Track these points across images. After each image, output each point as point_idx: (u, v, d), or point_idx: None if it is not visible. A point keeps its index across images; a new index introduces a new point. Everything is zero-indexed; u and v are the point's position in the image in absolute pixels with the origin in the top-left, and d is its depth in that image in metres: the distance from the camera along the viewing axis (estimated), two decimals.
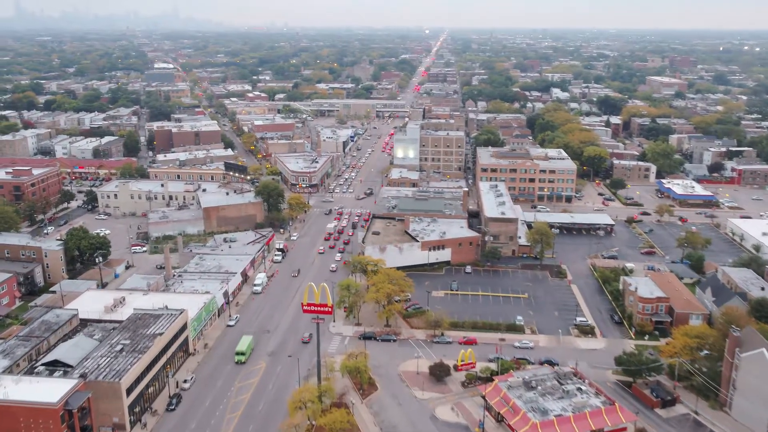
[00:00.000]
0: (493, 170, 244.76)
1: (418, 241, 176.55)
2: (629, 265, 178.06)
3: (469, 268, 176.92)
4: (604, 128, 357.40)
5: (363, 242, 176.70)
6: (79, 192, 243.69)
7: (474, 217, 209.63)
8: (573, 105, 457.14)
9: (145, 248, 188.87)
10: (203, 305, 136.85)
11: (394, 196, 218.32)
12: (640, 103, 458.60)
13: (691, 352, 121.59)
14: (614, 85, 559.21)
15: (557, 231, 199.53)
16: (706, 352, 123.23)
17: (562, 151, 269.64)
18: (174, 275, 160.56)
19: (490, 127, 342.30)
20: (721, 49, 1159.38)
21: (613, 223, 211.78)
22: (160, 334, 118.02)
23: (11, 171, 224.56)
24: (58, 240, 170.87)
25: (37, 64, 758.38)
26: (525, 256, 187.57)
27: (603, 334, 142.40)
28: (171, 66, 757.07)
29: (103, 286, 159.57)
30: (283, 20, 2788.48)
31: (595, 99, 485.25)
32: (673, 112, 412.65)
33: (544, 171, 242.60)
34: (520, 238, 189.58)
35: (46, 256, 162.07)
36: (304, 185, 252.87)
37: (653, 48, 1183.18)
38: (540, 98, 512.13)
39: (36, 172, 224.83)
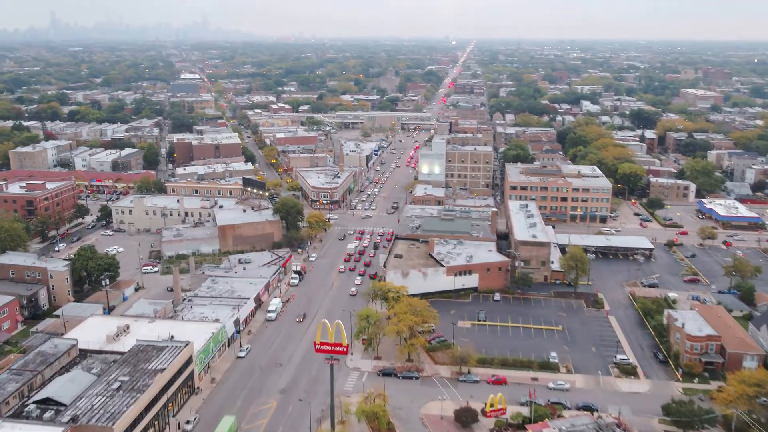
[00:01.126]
0: (523, 188, 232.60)
1: (443, 265, 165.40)
2: (672, 294, 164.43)
3: (497, 296, 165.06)
4: (638, 143, 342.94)
5: (384, 266, 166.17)
6: (85, 207, 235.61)
7: (503, 239, 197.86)
8: (605, 118, 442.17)
9: (156, 268, 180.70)
10: (211, 336, 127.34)
11: (419, 215, 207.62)
12: (674, 116, 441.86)
13: (749, 402, 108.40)
14: (647, 98, 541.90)
15: (593, 257, 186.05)
16: (764, 399, 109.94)
17: (595, 168, 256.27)
18: (184, 299, 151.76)
19: (519, 141, 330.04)
20: (756, 60, 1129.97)
21: (652, 247, 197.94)
22: (162, 370, 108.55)
23: (25, 185, 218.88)
24: (64, 260, 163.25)
25: (65, 75, 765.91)
26: (558, 282, 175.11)
27: (646, 375, 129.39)
28: (197, 77, 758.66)
29: (109, 310, 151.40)
30: (311, 31, 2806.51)
31: (627, 112, 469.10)
32: (710, 126, 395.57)
33: (577, 189, 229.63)
34: (552, 263, 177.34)
35: (51, 278, 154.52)
36: (325, 201, 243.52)
37: (685, 60, 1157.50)
38: (570, 111, 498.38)
39: (50, 186, 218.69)
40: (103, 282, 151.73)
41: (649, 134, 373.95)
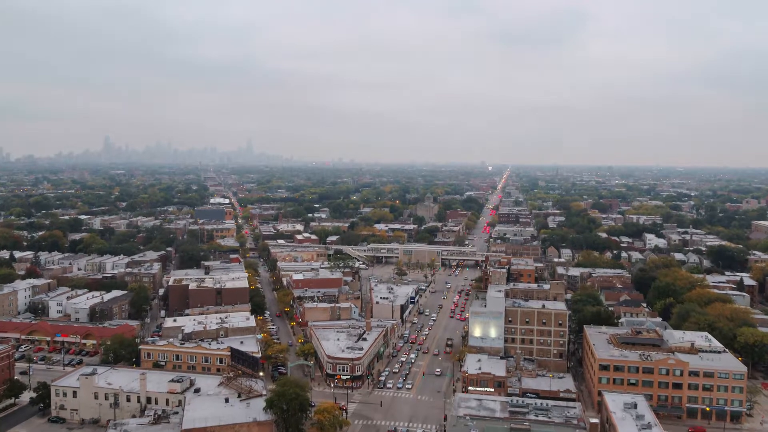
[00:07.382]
0: (617, 368, 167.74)
1: None
2: None
3: None
4: (738, 293, 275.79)
5: None
6: (20, 382, 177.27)
7: None
8: (679, 256, 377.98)
9: None
10: None
11: (474, 412, 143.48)
12: (763, 255, 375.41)
13: None
14: (723, 232, 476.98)
15: None
16: None
17: (710, 336, 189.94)
18: None
19: (590, 289, 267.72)
20: None
21: None
22: None
23: None
24: None
25: (93, 198, 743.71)
26: None
27: None
28: (226, 201, 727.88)
29: None
30: (350, 156, 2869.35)
31: (704, 249, 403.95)
32: None
33: (696, 373, 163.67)
34: None
35: None
36: (344, 377, 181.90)
37: (735, 188, 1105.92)
38: (632, 245, 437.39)
39: None
40: None
41: (746, 279, 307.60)
